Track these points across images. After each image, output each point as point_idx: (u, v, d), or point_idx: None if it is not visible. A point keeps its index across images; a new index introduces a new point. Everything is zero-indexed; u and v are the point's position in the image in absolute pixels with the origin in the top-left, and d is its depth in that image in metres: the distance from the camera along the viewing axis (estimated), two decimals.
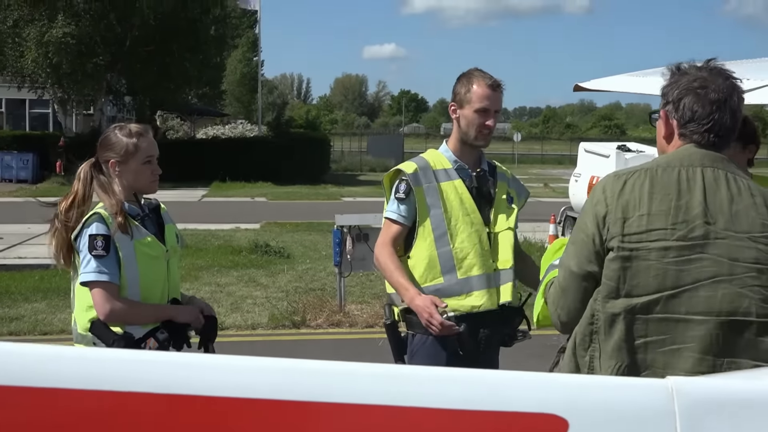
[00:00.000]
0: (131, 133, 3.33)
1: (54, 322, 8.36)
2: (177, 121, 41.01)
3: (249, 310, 9.09)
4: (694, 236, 2.35)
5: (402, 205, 3.57)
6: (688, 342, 2.35)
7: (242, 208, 22.17)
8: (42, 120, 38.86)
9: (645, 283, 2.37)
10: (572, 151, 49.27)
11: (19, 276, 10.83)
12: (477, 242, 3.52)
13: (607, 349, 2.43)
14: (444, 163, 3.62)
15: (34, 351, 1.22)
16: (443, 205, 3.54)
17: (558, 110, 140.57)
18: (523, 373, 1.13)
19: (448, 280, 3.51)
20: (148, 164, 3.35)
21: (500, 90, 3.58)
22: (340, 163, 43.87)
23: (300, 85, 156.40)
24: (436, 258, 3.52)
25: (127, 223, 3.24)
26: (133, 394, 1.15)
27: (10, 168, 31.13)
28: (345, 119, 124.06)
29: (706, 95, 2.48)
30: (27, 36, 28.80)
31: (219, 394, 1.17)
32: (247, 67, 63.93)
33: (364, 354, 7.39)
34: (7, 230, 15.63)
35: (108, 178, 3.34)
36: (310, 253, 13.20)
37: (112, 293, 3.19)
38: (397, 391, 1.08)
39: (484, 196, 3.61)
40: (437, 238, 3.52)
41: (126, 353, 1.31)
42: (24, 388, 1.14)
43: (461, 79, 3.63)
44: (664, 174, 2.43)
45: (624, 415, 1.10)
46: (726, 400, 1.15)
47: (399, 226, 3.58)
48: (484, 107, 3.52)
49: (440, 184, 3.56)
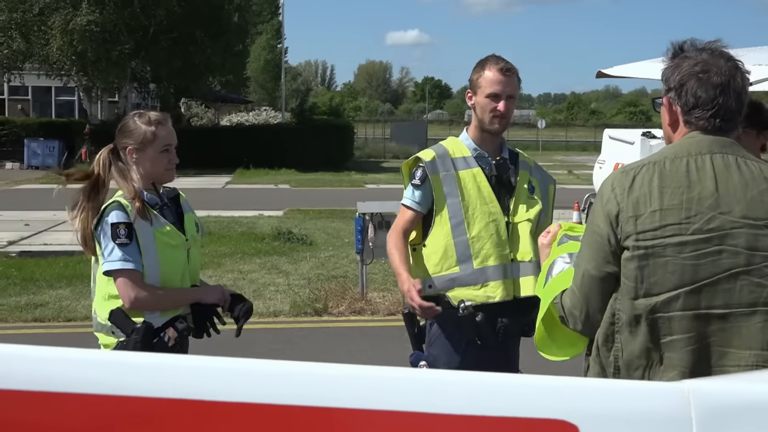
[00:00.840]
0: (150, 121, 3.31)
1: (78, 309, 8.43)
2: (201, 108, 41.18)
3: (271, 297, 9.11)
4: (710, 228, 2.29)
5: (417, 191, 3.54)
6: (711, 336, 2.30)
7: (265, 195, 22.21)
8: (68, 107, 39.13)
9: (663, 280, 2.31)
10: (597, 138, 48.95)
11: (44, 263, 10.93)
12: (494, 232, 3.48)
13: (633, 349, 2.38)
14: (463, 150, 3.59)
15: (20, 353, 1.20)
16: (461, 193, 3.50)
17: (582, 96, 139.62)
18: (532, 377, 1.09)
19: (464, 269, 3.47)
20: (165, 153, 3.33)
21: (512, 74, 3.51)
22: (364, 150, 43.83)
23: (324, 72, 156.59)
24: (452, 247, 3.49)
25: (146, 209, 3.23)
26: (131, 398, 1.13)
27: (37, 155, 31.42)
28: (368, 106, 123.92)
29: (708, 79, 2.40)
30: (52, 24, 28.99)
31: (216, 399, 1.14)
32: (271, 54, 64.03)
33: (385, 342, 7.38)
34: (33, 216, 15.78)
35: (126, 165, 3.33)
36: (333, 240, 13.21)
37: (137, 281, 3.18)
38: (403, 396, 1.05)
39: (504, 185, 3.56)
40: (454, 227, 3.49)
41: (119, 356, 1.28)
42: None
43: (476, 66, 3.60)
44: (672, 166, 2.37)
45: (637, 421, 1.06)
46: (745, 405, 1.11)
47: (412, 213, 3.55)
48: (495, 92, 3.48)
49: (458, 172, 3.53)
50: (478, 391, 1.06)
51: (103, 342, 3.28)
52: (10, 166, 31.56)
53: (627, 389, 1.10)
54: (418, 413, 1.03)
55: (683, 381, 1.12)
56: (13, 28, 29.93)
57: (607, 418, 1.06)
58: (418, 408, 1.04)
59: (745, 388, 1.17)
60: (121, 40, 29.83)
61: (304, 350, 7.20)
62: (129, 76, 32.39)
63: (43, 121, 34.25)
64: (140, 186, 3.30)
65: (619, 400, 1.09)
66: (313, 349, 7.22)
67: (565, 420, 1.03)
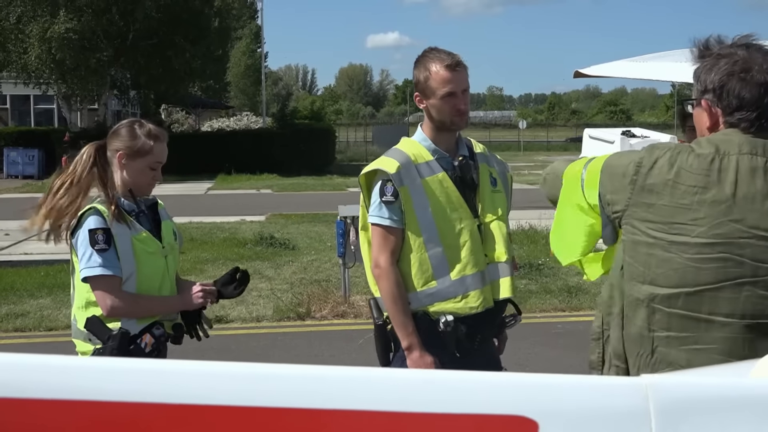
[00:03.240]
0: (150, 134, 3.31)
1: (59, 318, 8.38)
2: (182, 114, 41.03)
3: (254, 302, 9.09)
4: (717, 234, 2.21)
5: (391, 208, 3.27)
6: (711, 343, 2.25)
7: (248, 200, 22.17)
8: (47, 116, 38.89)
9: (667, 274, 2.26)
10: (578, 137, 49.08)
11: (24, 272, 10.86)
12: (468, 239, 3.29)
13: (631, 332, 2.36)
14: (424, 155, 3.33)
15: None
16: (430, 203, 3.28)
17: (563, 96, 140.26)
18: (489, 374, 1.11)
19: (442, 282, 3.27)
20: (153, 170, 3.34)
21: (462, 67, 3.28)
22: (346, 154, 43.87)
23: (305, 76, 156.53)
24: (427, 261, 3.27)
25: (122, 215, 3.22)
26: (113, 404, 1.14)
27: (16, 164, 31.21)
28: (350, 109, 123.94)
29: (751, 78, 2.26)
30: (30, 32, 28.85)
31: (204, 403, 1.15)
32: (251, 58, 63.95)
33: (369, 345, 7.38)
34: (13, 226, 15.65)
35: (109, 168, 3.31)
36: (315, 244, 13.20)
37: (116, 288, 3.17)
38: (359, 395, 1.06)
39: (467, 185, 3.35)
40: (426, 240, 3.27)
41: (101, 361, 1.28)
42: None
43: (418, 65, 3.34)
44: (695, 161, 2.27)
45: (597, 415, 1.07)
46: (703, 399, 1.12)
47: (395, 234, 3.28)
48: (450, 91, 3.24)
49: (424, 180, 3.29)
50: (434, 388, 1.07)
51: (80, 349, 3.26)
52: None
53: (586, 385, 1.11)
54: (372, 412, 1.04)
55: (642, 376, 1.13)
56: None
57: (566, 414, 1.08)
58: (372, 407, 1.04)
59: (701, 381, 1.19)
60: (100, 47, 29.73)
61: (288, 354, 7.19)
62: (108, 84, 32.24)
63: (22, 129, 34.05)
64: (117, 192, 3.29)
65: (578, 395, 1.10)
66: (297, 353, 7.22)
67: (524, 416, 1.05)
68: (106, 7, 29.27)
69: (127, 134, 3.31)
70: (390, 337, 3.37)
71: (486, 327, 3.38)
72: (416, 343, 3.22)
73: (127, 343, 3.15)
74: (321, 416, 1.06)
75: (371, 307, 3.44)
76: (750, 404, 1.13)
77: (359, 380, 1.08)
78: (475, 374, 1.08)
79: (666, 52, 4.88)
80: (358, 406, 1.04)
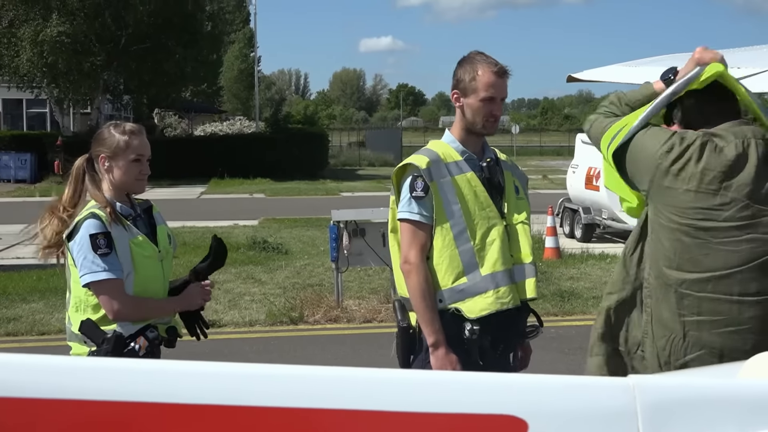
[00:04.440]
0: (124, 131, 3.35)
1: (52, 322, 8.37)
2: (175, 118, 40.99)
3: (247, 306, 9.09)
4: (743, 216, 2.32)
5: (422, 204, 3.30)
6: (744, 323, 2.31)
7: (240, 205, 22.16)
8: (39, 120, 38.78)
9: (695, 260, 2.33)
10: (571, 143, 49.18)
11: (16, 276, 10.83)
12: (497, 237, 3.32)
13: (661, 317, 2.41)
14: (453, 155, 3.39)
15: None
16: (459, 200, 3.32)
17: (556, 101, 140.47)
18: (480, 374, 1.12)
19: (472, 278, 3.28)
20: (136, 163, 3.35)
21: (507, 76, 3.37)
22: (339, 158, 43.84)
23: (298, 80, 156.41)
24: (457, 257, 3.29)
25: (118, 218, 3.25)
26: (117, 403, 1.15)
27: (8, 168, 31.15)
28: (343, 114, 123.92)
29: None
30: (22, 35, 28.79)
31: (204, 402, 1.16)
32: (244, 63, 63.86)
33: (361, 349, 7.40)
34: (5, 230, 15.61)
35: (98, 174, 3.36)
36: (308, 248, 13.20)
37: (120, 291, 3.20)
38: (350, 395, 1.07)
39: (495, 187, 3.41)
40: (456, 236, 3.30)
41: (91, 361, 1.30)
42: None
43: (464, 64, 3.40)
44: (723, 150, 2.40)
45: (585, 415, 1.09)
46: (689, 399, 1.14)
47: (425, 230, 3.30)
48: (491, 96, 3.31)
49: (454, 178, 3.34)
50: (425, 388, 1.09)
51: (75, 352, 3.28)
52: None
53: (574, 385, 1.13)
54: (364, 411, 1.05)
55: (629, 376, 1.15)
56: None
57: (556, 413, 1.09)
58: (364, 406, 1.06)
59: (687, 382, 1.21)
60: (93, 51, 29.68)
61: (281, 358, 7.19)
62: (101, 88, 32.19)
63: (14, 133, 33.95)
64: (111, 196, 3.31)
65: (567, 395, 1.12)
66: (290, 357, 7.22)
67: (514, 415, 1.06)
68: (98, 11, 29.24)
69: (103, 137, 3.37)
70: (413, 340, 3.37)
71: (510, 333, 3.39)
72: (442, 340, 3.22)
73: (121, 345, 3.17)
74: (310, 415, 1.08)
75: (395, 308, 3.44)
76: (736, 404, 1.15)
77: (350, 380, 1.09)
78: (465, 375, 1.10)
79: (660, 57, 4.92)
80: (348, 405, 1.06)
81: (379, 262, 8.65)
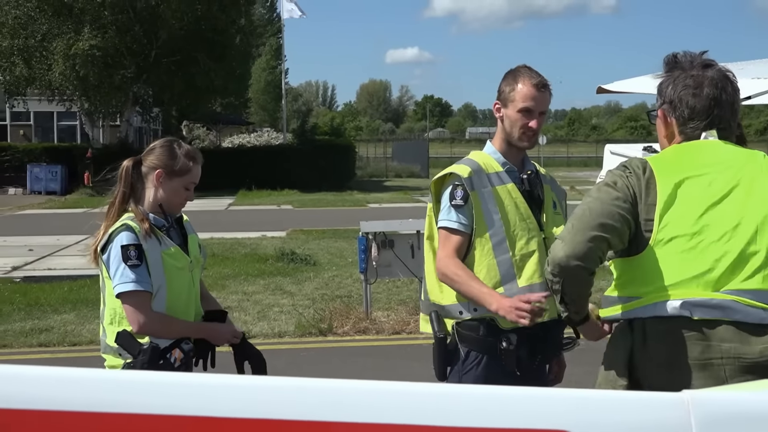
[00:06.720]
0: (189, 155, 3.39)
1: (83, 333, 8.43)
2: (203, 130, 41.32)
3: (276, 318, 9.11)
4: None
5: (461, 212, 3.32)
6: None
7: (268, 216, 22.24)
8: (70, 132, 39.22)
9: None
10: (598, 153, 48.97)
11: (48, 287, 10.94)
12: (536, 248, 3.32)
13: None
14: (494, 166, 3.41)
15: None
16: (500, 210, 3.33)
17: (583, 112, 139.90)
18: (531, 389, 1.11)
19: (509, 289, 3.26)
20: (186, 190, 3.40)
21: (547, 90, 3.39)
22: (366, 170, 43.94)
23: (325, 92, 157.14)
24: (495, 267, 3.29)
25: (154, 231, 3.27)
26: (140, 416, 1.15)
27: (40, 180, 31.52)
28: (370, 125, 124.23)
29: (701, 91, 2.51)
30: (54, 49, 29.17)
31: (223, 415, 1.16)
32: (272, 75, 64.35)
33: (390, 361, 7.38)
34: (37, 242, 15.81)
35: (143, 184, 3.36)
36: (336, 260, 13.21)
37: (147, 304, 3.21)
38: (398, 409, 1.06)
39: (534, 200, 3.42)
40: (495, 246, 3.30)
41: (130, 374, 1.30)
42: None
43: (507, 76, 3.45)
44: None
45: (638, 429, 1.07)
46: (745, 414, 1.12)
47: (461, 236, 3.31)
48: (528, 107, 3.34)
49: (494, 188, 3.36)
50: (475, 403, 1.07)
51: (110, 364, 3.29)
52: (13, 192, 31.65)
53: (627, 399, 1.12)
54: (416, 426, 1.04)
55: (683, 391, 1.13)
56: (16, 54, 30.15)
57: (606, 429, 1.07)
58: (415, 421, 1.05)
59: (744, 397, 1.19)
60: (123, 64, 30.01)
61: (310, 370, 7.19)
62: (131, 100, 32.52)
63: (45, 146, 34.35)
64: (148, 208, 3.34)
65: (618, 410, 1.10)
66: (319, 369, 7.22)
67: (564, 430, 1.04)
68: (129, 24, 29.58)
69: (166, 153, 3.37)
70: (450, 350, 3.37)
71: (547, 345, 3.38)
72: (499, 297, 3.17)
73: (157, 357, 3.18)
74: (342, 429, 1.07)
75: (432, 320, 3.43)
76: None
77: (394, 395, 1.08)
78: (515, 389, 1.08)
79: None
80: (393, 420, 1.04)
81: (407, 273, 8.64)
